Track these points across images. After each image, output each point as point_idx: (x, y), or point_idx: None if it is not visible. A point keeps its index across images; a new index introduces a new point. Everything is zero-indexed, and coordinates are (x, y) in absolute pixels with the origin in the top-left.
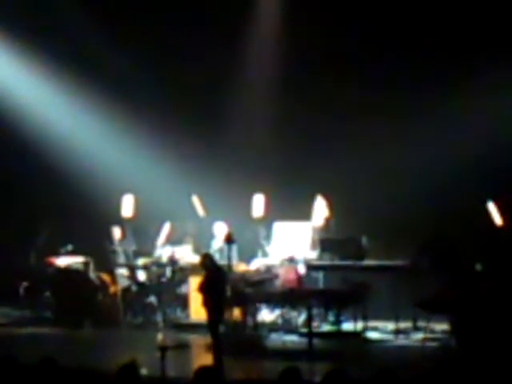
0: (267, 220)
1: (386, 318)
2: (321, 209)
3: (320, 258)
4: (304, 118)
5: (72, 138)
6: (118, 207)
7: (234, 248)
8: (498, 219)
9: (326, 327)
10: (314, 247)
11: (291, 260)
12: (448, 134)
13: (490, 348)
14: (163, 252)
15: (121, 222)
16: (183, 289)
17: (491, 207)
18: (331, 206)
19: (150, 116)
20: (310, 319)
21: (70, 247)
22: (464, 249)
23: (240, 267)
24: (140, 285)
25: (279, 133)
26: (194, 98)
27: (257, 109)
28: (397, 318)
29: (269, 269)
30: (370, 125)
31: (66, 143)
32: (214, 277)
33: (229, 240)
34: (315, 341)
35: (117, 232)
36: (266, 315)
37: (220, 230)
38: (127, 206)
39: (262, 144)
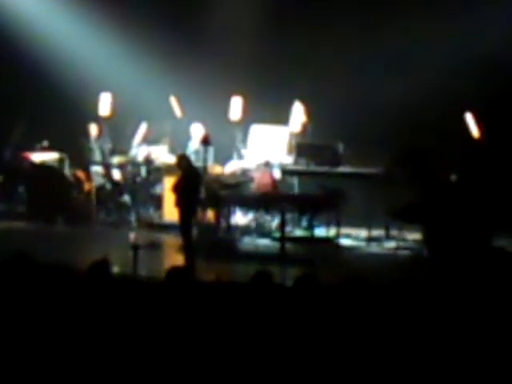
0: (244, 123)
1: (359, 226)
2: (298, 114)
3: (296, 163)
4: (285, 22)
5: (50, 34)
6: (95, 105)
7: (210, 150)
8: (474, 131)
9: (299, 232)
10: (290, 152)
11: (267, 164)
12: (427, 41)
13: (461, 257)
14: (139, 151)
15: (98, 119)
16: (158, 189)
17: (468, 118)
18: (309, 111)
19: (129, 14)
20: (283, 223)
21: (45, 143)
22: (439, 159)
23: (215, 169)
24: (115, 183)
25: (260, 36)
26: (179, 2)
27: (238, 10)
28: (369, 226)
29: (244, 172)
30: (348, 31)
31: (43, 39)
32: (189, 177)
33: (205, 142)
34: (288, 245)
35: (93, 129)
36: (240, 218)
37: (197, 131)
38: (105, 104)
39: (243, 46)
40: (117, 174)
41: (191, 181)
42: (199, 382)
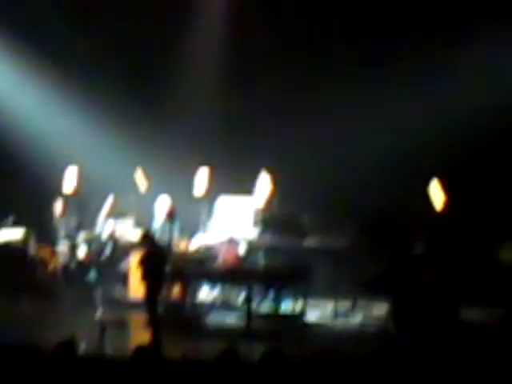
0: (210, 196)
1: (326, 298)
2: (265, 185)
3: (261, 236)
4: (250, 93)
5: (15, 107)
6: (60, 181)
7: (176, 224)
8: (439, 201)
9: (266, 307)
10: (256, 225)
11: (232, 238)
12: (391, 109)
13: (428, 331)
14: (104, 227)
15: (63, 195)
16: (123, 265)
17: (433, 188)
18: (275, 183)
19: (95, 87)
20: (249, 299)
21: (10, 220)
22: (404, 230)
23: (181, 244)
24: (80, 261)
25: (226, 107)
26: (140, 69)
27: (203, 83)
28: (336, 299)
29: (210, 247)
30: (314, 102)
31: (7, 112)
32: (154, 253)
33: (171, 216)
34: (254, 321)
35: (58, 206)
36: (206, 294)
37: (162, 205)
38: (70, 180)
39: (208, 117)
40: (82, 252)
41: (156, 256)
42: None
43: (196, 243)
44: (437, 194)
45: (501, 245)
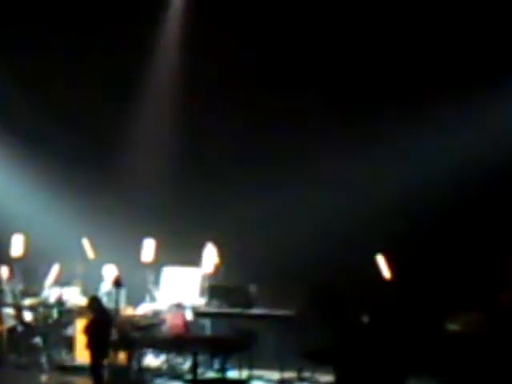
0: (157, 264)
1: (272, 367)
2: (211, 255)
3: (208, 304)
4: (198, 167)
5: None
6: (6, 246)
7: (122, 291)
8: (385, 272)
9: (212, 374)
10: (202, 294)
11: (179, 306)
12: (341, 182)
13: None
14: (51, 293)
15: (9, 261)
16: (69, 330)
17: (379, 260)
18: (221, 253)
19: (43, 156)
20: (195, 366)
21: None
22: (351, 300)
23: (127, 311)
24: (26, 325)
25: (173, 177)
26: (90, 139)
27: (152, 152)
28: (282, 368)
29: (156, 314)
30: (257, 171)
31: None
32: (100, 320)
33: (117, 283)
34: None
35: (4, 271)
36: (152, 360)
37: (109, 272)
38: (16, 246)
39: (155, 188)
40: (28, 316)
41: (102, 323)
42: None
43: (142, 309)
44: (383, 265)
45: (447, 314)
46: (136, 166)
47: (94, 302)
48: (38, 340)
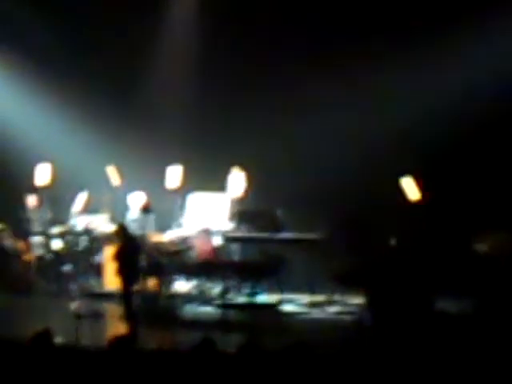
0: (183, 190)
1: (302, 291)
2: (238, 180)
3: (237, 229)
4: (224, 87)
5: None
6: (33, 175)
7: (151, 218)
8: (412, 194)
9: (241, 299)
10: (231, 219)
11: (207, 231)
12: (367, 107)
13: (404, 322)
14: (78, 221)
15: (36, 189)
16: (98, 258)
17: (406, 182)
18: (249, 177)
19: (67, 83)
20: (224, 291)
21: None
22: (378, 223)
23: (156, 237)
24: (55, 253)
25: (198, 102)
26: (113, 66)
27: (176, 77)
28: (312, 291)
29: (184, 239)
30: (288, 96)
31: None
32: (128, 246)
33: (145, 209)
34: (230, 312)
35: (32, 200)
36: (181, 286)
37: (136, 199)
38: (43, 174)
39: (181, 113)
40: (57, 244)
41: (130, 249)
42: None
43: (171, 235)
44: (411, 187)
45: (475, 235)
46: (161, 92)
47: (122, 229)
48: (67, 268)
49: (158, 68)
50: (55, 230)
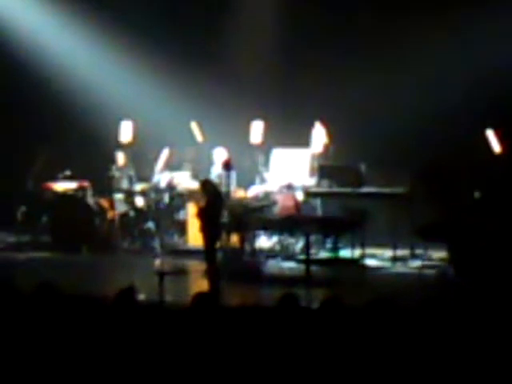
0: (266, 146)
1: (384, 246)
2: (320, 135)
3: (318, 184)
4: (304, 44)
5: (71, 63)
6: (116, 133)
7: (233, 174)
8: (496, 147)
9: (324, 254)
10: (312, 174)
11: (289, 187)
12: (448, 59)
13: (487, 276)
14: (161, 178)
15: (122, 147)
16: (181, 215)
17: (490, 135)
18: (330, 132)
19: (149, 42)
20: (307, 246)
21: (68, 172)
22: (463, 176)
23: (238, 193)
24: (138, 210)
25: (279, 59)
26: (194, 23)
27: (257, 34)
28: (395, 246)
29: (267, 195)
30: (370, 51)
31: (64, 68)
32: (213, 203)
33: (227, 166)
34: (313, 268)
35: (120, 157)
36: (264, 242)
37: (219, 155)
38: (126, 132)
39: (262, 69)
40: (140, 201)
41: (215, 206)
42: None
43: (253, 192)
44: (495, 139)
45: None
46: (242, 47)
47: (208, 184)
48: (150, 225)
49: (242, 24)
50: (138, 187)
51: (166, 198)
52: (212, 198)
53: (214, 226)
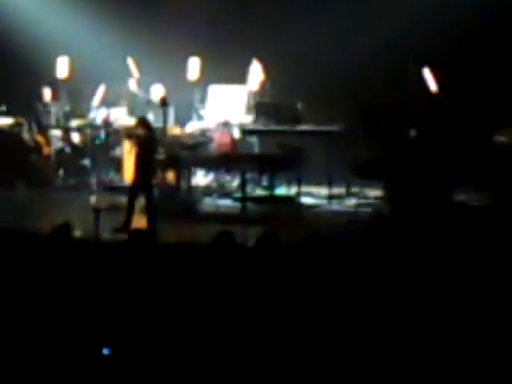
0: (202, 83)
1: (320, 184)
2: (256, 72)
3: (255, 122)
4: None
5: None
6: (52, 68)
7: (170, 111)
8: (432, 85)
9: (260, 192)
10: (249, 111)
11: (226, 124)
12: None
13: (422, 213)
14: (98, 114)
15: (52, 82)
16: (117, 151)
17: (426, 73)
18: (267, 69)
19: None
20: (243, 183)
21: (3, 108)
22: (398, 114)
23: (175, 130)
24: (74, 147)
25: None
26: None
27: None
28: (330, 184)
29: (204, 132)
30: None
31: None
32: (148, 139)
33: (164, 102)
34: (249, 205)
35: (47, 93)
36: (201, 179)
37: (156, 92)
38: (62, 67)
39: (199, 5)
40: (76, 138)
41: (151, 142)
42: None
43: (190, 128)
44: (429, 78)
45: (494, 127)
46: None
47: (142, 122)
48: (86, 161)
49: None
50: (74, 123)
51: (102, 134)
52: (148, 135)
53: (148, 164)
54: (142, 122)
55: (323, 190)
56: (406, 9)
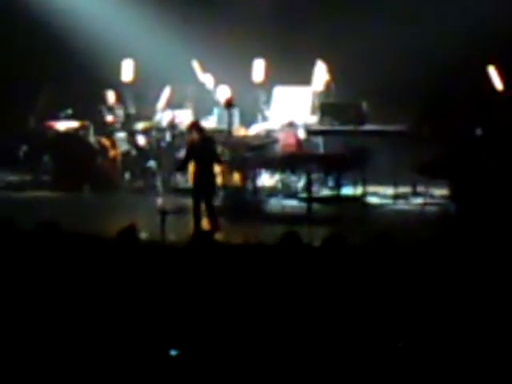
0: (267, 84)
1: (386, 183)
2: (321, 73)
3: (320, 122)
4: None
5: (73, 4)
6: (117, 71)
7: (235, 112)
8: (498, 84)
9: (326, 192)
10: (314, 112)
11: (291, 125)
12: None
13: (489, 213)
14: (163, 116)
15: (116, 85)
16: (182, 153)
17: (492, 72)
18: (332, 70)
19: None
20: (309, 184)
21: (69, 111)
22: (464, 114)
23: (240, 132)
24: (139, 149)
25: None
26: None
27: None
28: (396, 184)
29: (269, 133)
30: None
31: (66, 6)
32: (202, 142)
33: (229, 104)
34: (314, 206)
35: (111, 95)
36: (266, 180)
37: (221, 94)
38: (127, 70)
39: (265, 7)
40: (141, 140)
41: (204, 144)
42: (225, 343)
43: (255, 130)
44: (495, 77)
45: None
46: None
47: (196, 125)
48: (151, 163)
49: None
50: (140, 125)
51: (168, 136)
52: (200, 139)
53: (204, 167)
54: (195, 125)
55: (389, 190)
56: (470, 8)
